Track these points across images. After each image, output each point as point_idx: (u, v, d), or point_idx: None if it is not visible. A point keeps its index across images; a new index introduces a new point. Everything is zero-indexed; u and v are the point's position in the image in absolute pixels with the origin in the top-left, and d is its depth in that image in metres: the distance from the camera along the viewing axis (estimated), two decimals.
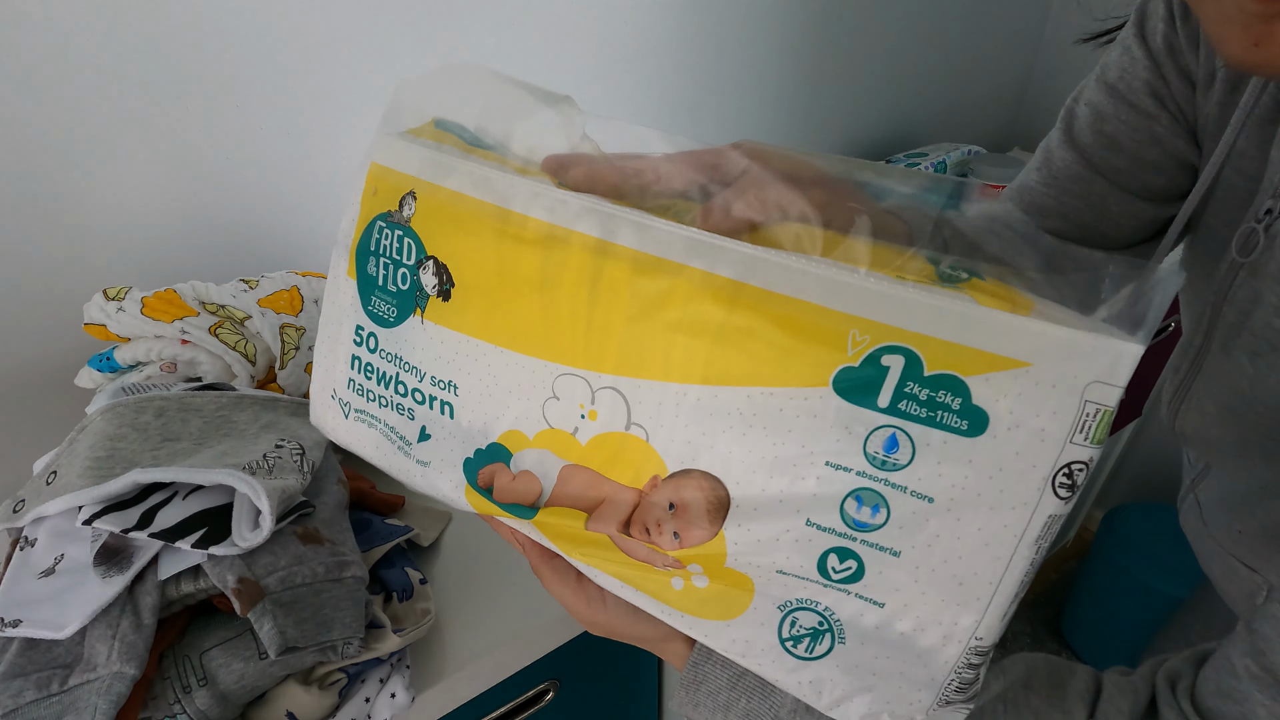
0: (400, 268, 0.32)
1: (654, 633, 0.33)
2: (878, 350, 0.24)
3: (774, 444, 0.26)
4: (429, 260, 0.31)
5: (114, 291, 0.57)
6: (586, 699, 0.69)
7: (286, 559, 0.43)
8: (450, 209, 0.30)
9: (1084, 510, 1.62)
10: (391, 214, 0.32)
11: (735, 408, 0.26)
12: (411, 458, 0.34)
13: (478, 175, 0.30)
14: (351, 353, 0.35)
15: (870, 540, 0.25)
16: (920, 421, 0.24)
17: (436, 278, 0.31)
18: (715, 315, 0.26)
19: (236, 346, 0.59)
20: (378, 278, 0.33)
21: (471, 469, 0.32)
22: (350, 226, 0.34)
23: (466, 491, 0.33)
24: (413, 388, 0.33)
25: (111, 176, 0.65)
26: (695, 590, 0.29)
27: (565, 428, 0.30)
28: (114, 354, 0.58)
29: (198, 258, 0.73)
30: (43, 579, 0.41)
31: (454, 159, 0.31)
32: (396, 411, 0.34)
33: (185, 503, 0.43)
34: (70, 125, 0.61)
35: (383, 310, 0.33)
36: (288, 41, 0.68)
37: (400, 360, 0.33)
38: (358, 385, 0.35)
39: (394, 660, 0.47)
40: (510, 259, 0.29)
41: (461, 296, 0.31)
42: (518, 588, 0.56)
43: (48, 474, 0.47)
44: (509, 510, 0.31)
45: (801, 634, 0.27)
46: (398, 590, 0.50)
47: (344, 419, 0.37)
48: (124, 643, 0.38)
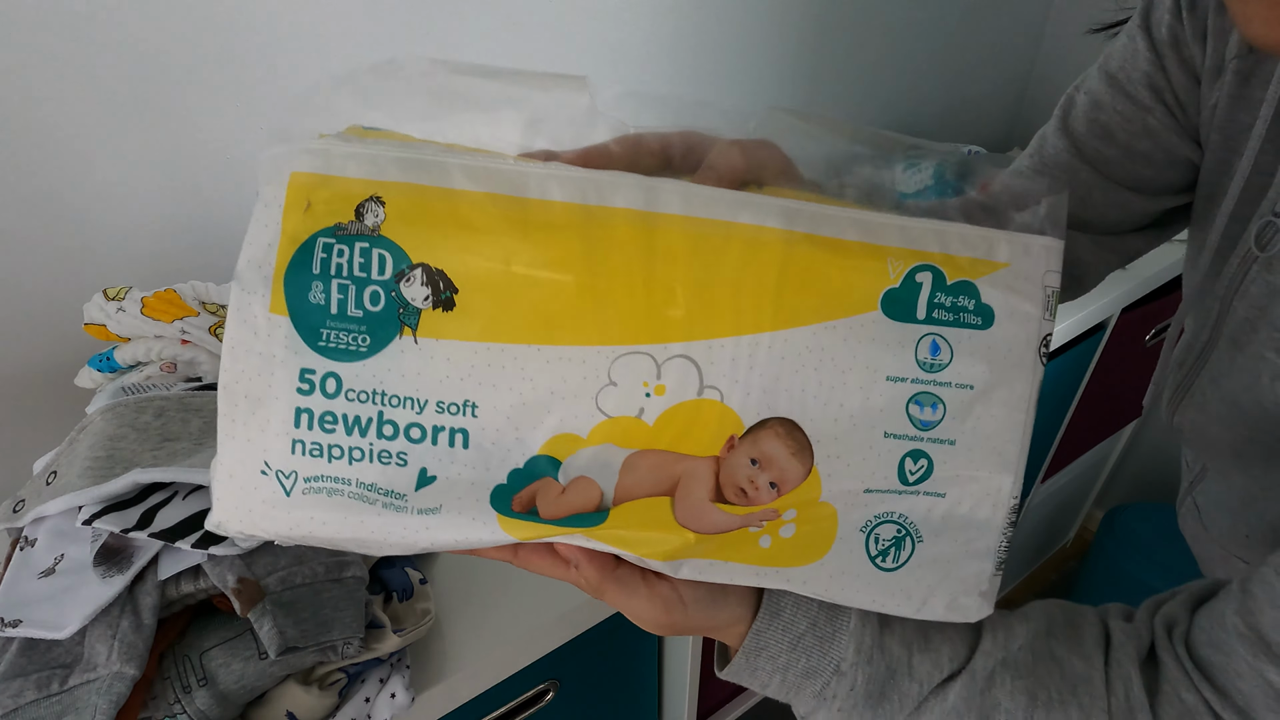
0: (369, 285, 0.27)
1: (727, 617, 0.33)
2: (912, 270, 0.28)
3: (842, 372, 0.28)
4: (414, 270, 0.27)
5: (114, 291, 0.57)
6: (586, 699, 0.69)
7: (286, 559, 0.43)
8: (440, 208, 0.27)
9: (1084, 510, 1.62)
10: (344, 225, 0.27)
11: (804, 346, 0.28)
12: (408, 510, 0.29)
13: (474, 166, 0.27)
14: (295, 405, 0.28)
15: (934, 436, 0.29)
16: (949, 324, 0.29)
17: (428, 287, 0.27)
18: (773, 263, 0.28)
19: None
20: (329, 305, 0.27)
21: (504, 496, 0.29)
22: (266, 254, 0.27)
23: (502, 523, 0.29)
24: (406, 425, 0.28)
25: (111, 176, 0.65)
26: (784, 542, 0.30)
27: (628, 413, 0.28)
28: (114, 354, 0.58)
29: (198, 258, 0.73)
30: (43, 579, 0.41)
31: (433, 154, 0.27)
32: (379, 462, 0.28)
33: (185, 503, 0.43)
34: (70, 125, 0.61)
35: (345, 342, 0.27)
36: (288, 42, 0.68)
37: (382, 396, 0.28)
38: (310, 445, 0.28)
39: (394, 660, 0.47)
40: (535, 248, 0.27)
41: (470, 301, 0.27)
42: (518, 588, 0.56)
43: (48, 474, 0.47)
44: (569, 524, 0.29)
45: (886, 546, 0.30)
46: (398, 590, 0.50)
47: (284, 498, 0.28)
48: (124, 643, 0.38)
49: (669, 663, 0.78)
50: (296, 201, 0.27)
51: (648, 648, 0.74)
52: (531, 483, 0.29)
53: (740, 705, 0.91)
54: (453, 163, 0.27)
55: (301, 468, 0.28)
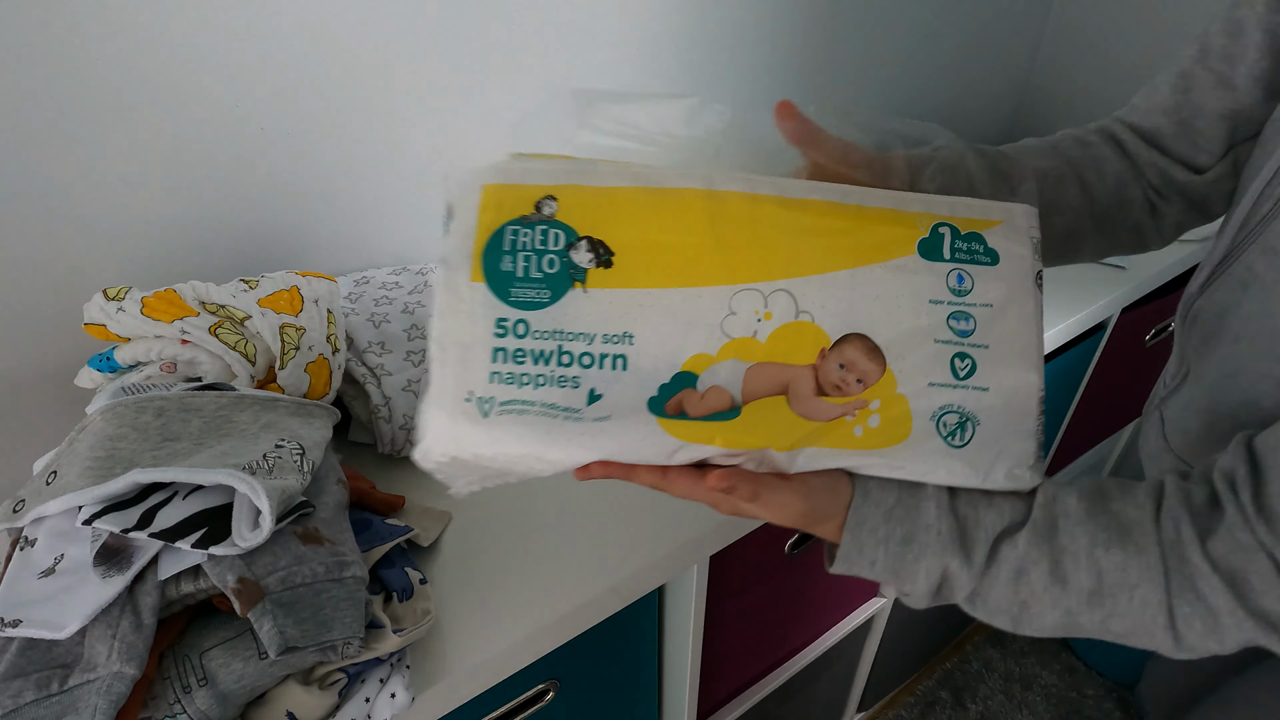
0: (546, 255, 0.38)
1: (836, 505, 0.40)
2: (935, 226, 0.41)
3: (896, 297, 0.40)
4: (580, 241, 0.39)
5: (114, 291, 0.57)
6: (586, 699, 0.69)
7: (286, 559, 0.43)
8: (598, 199, 0.39)
9: None
10: (527, 217, 0.39)
11: (868, 280, 0.40)
12: (584, 421, 0.38)
13: (627, 171, 0.40)
14: (493, 346, 0.38)
15: (972, 342, 0.40)
16: (968, 262, 0.41)
17: (592, 253, 0.39)
18: (844, 224, 0.40)
19: (236, 346, 0.59)
20: (516, 271, 0.38)
21: (657, 404, 0.38)
22: (465, 242, 0.38)
23: (661, 424, 0.38)
24: (580, 354, 0.38)
25: (112, 176, 0.65)
26: (873, 430, 0.40)
27: (746, 334, 0.39)
28: (114, 354, 0.58)
29: (198, 258, 0.73)
30: (43, 579, 0.41)
31: (594, 165, 0.40)
32: (558, 386, 0.38)
33: (185, 503, 0.43)
34: (70, 125, 0.61)
35: (529, 296, 0.38)
36: (287, 42, 0.68)
37: (561, 334, 0.38)
38: (505, 375, 0.38)
39: (394, 660, 0.47)
40: (674, 221, 0.39)
41: (624, 261, 0.39)
42: (518, 588, 0.56)
43: (48, 474, 0.47)
44: (712, 419, 0.39)
45: (953, 428, 0.40)
46: (398, 590, 0.50)
47: (482, 420, 0.38)
48: (124, 643, 0.38)
49: (669, 663, 0.78)
50: (489, 204, 0.39)
51: (648, 648, 0.74)
52: (677, 393, 0.38)
53: (740, 705, 0.91)
54: (604, 169, 0.40)
55: (498, 394, 0.38)
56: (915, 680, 1.43)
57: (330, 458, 0.55)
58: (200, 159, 0.69)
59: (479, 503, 0.64)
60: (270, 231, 0.76)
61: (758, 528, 0.67)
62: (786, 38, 1.07)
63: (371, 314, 0.73)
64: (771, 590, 0.82)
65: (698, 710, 0.84)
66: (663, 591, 0.71)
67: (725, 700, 0.90)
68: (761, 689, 0.92)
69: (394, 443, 0.67)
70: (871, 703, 1.31)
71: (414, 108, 0.79)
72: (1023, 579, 0.38)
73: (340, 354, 0.67)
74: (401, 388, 0.68)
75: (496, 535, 0.61)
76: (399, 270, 0.80)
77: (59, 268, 0.66)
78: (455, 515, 0.62)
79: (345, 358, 0.68)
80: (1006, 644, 1.48)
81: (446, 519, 0.62)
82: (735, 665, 0.87)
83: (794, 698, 1.02)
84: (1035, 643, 1.49)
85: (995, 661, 1.45)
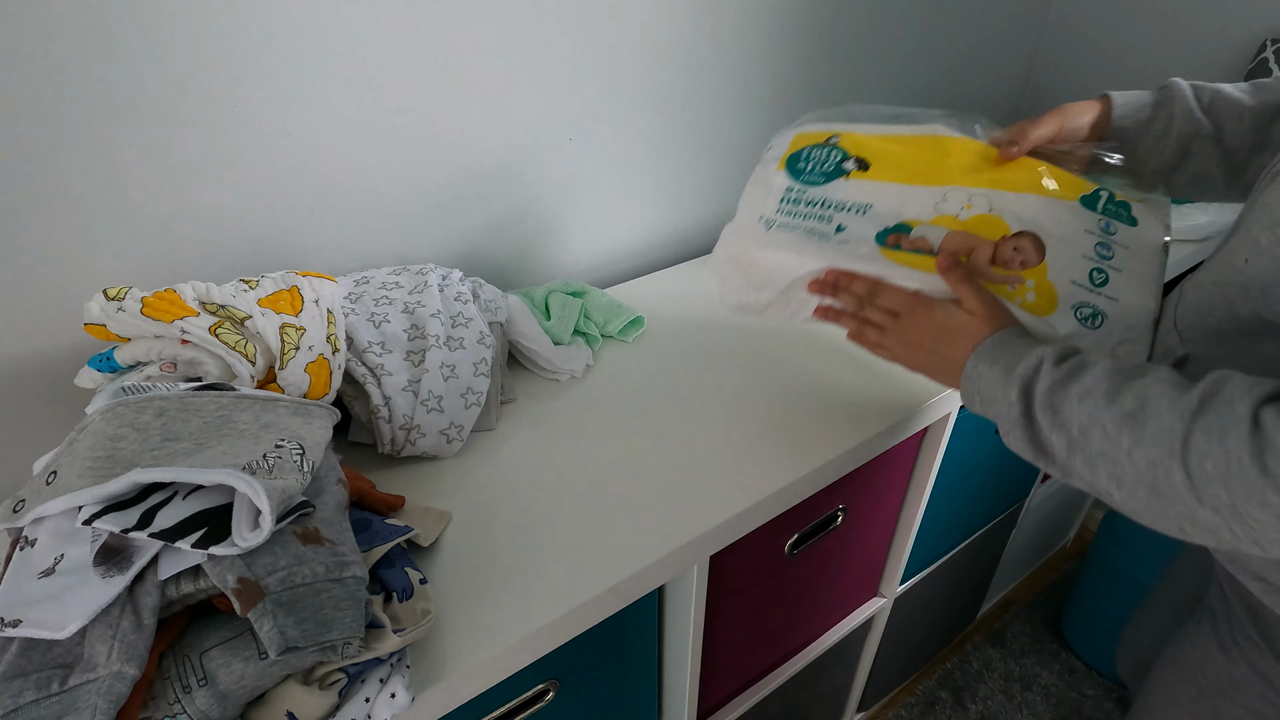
0: (826, 162, 0.68)
1: (1004, 318, 0.56)
2: (1096, 189, 0.62)
3: (1059, 221, 0.60)
4: (850, 159, 0.67)
5: (114, 291, 0.57)
6: (586, 699, 0.69)
7: (286, 559, 0.43)
8: (863, 139, 0.68)
9: (1084, 510, 1.62)
10: (818, 145, 0.69)
11: (1044, 204, 0.61)
12: (830, 241, 0.64)
13: (878, 128, 0.69)
14: (781, 196, 0.68)
15: (1109, 264, 0.59)
16: (1115, 218, 0.61)
17: (855, 161, 0.67)
18: (1034, 173, 0.62)
19: (236, 346, 0.59)
20: (806, 167, 0.69)
21: (881, 237, 0.62)
22: (776, 155, 0.72)
23: (881, 250, 0.62)
24: (835, 207, 0.65)
25: (111, 176, 0.65)
26: (1028, 302, 0.58)
27: (952, 213, 0.62)
28: (114, 354, 0.58)
29: (198, 258, 0.73)
30: (43, 579, 0.41)
31: (861, 124, 0.70)
32: (818, 220, 0.65)
33: (185, 503, 0.43)
34: (70, 124, 0.61)
35: (810, 179, 0.68)
36: (287, 42, 0.68)
37: (826, 201, 0.66)
38: (787, 210, 0.67)
39: (394, 660, 0.47)
40: (913, 151, 0.66)
41: (876, 168, 0.66)
42: (518, 588, 0.56)
43: (48, 474, 0.46)
44: (916, 253, 0.61)
45: (1086, 316, 0.58)
46: (398, 590, 0.50)
47: (765, 232, 0.67)
48: (124, 643, 0.38)
49: (669, 663, 0.78)
50: (796, 142, 0.71)
51: (648, 648, 0.74)
52: (896, 233, 0.62)
53: (740, 705, 0.91)
54: (868, 126, 0.70)
55: (779, 219, 0.67)
56: (915, 680, 1.43)
57: (330, 458, 0.55)
58: (200, 158, 0.69)
59: (479, 503, 0.64)
60: (270, 231, 0.76)
61: (758, 527, 0.68)
62: (788, 41, 1.07)
63: (371, 314, 0.73)
64: (771, 590, 0.82)
65: (698, 710, 0.84)
66: (663, 591, 0.71)
67: (725, 700, 0.90)
68: (761, 689, 0.92)
69: (394, 443, 0.67)
70: (871, 703, 1.31)
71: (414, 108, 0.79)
72: (1088, 397, 0.45)
73: (340, 354, 0.67)
74: (401, 388, 0.68)
75: (496, 535, 0.61)
76: (399, 270, 0.80)
77: (59, 268, 0.66)
78: (455, 515, 0.62)
79: (345, 358, 0.68)
80: (1006, 644, 1.48)
81: (446, 519, 0.62)
82: (735, 665, 0.87)
83: (794, 698, 1.02)
84: (1035, 642, 1.49)
85: (995, 661, 1.45)
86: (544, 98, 0.88)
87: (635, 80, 0.95)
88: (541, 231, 0.98)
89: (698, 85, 1.01)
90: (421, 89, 0.78)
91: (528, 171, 0.92)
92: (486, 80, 0.82)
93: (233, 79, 0.67)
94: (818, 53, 1.13)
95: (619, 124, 0.97)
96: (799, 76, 1.12)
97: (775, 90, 1.11)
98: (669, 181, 1.07)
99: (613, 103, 0.94)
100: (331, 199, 0.79)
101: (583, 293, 0.91)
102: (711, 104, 1.04)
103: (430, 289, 0.77)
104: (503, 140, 0.87)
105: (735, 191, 1.15)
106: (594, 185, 0.99)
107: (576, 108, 0.91)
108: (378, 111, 0.77)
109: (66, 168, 0.62)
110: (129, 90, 0.63)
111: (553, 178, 0.95)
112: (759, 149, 1.14)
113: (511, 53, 0.82)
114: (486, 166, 0.88)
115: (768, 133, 1.14)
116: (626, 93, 0.95)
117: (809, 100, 1.16)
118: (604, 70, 0.91)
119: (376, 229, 0.84)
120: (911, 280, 0.60)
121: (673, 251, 1.15)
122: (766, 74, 1.08)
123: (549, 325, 0.85)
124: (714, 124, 1.07)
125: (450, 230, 0.90)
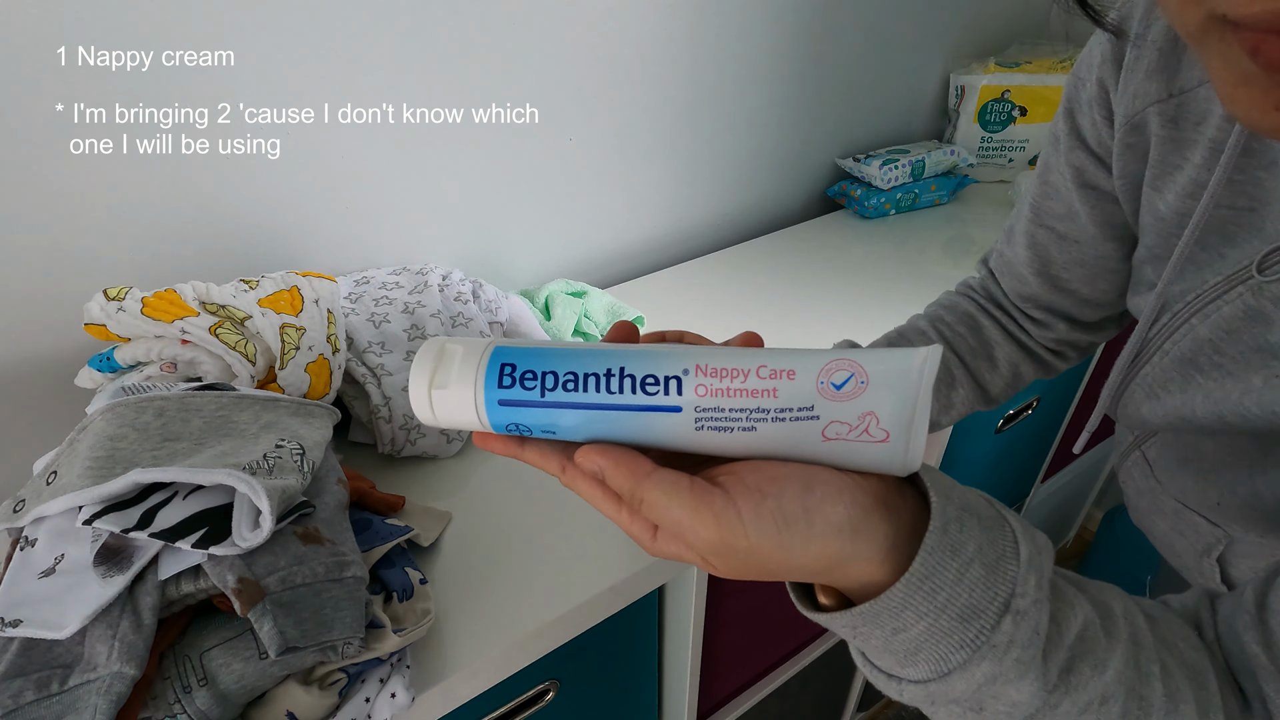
0: (1001, 113, 1.27)
1: (819, 550, 0.28)
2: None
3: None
4: (1017, 108, 1.25)
5: (114, 291, 0.57)
6: (586, 699, 0.69)
7: (286, 559, 0.43)
8: (1028, 90, 1.25)
9: (1084, 510, 1.62)
10: (999, 97, 1.25)
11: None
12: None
13: (1045, 79, 1.25)
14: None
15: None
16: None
17: (1020, 109, 1.25)
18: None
19: (236, 346, 0.59)
20: (989, 116, 1.26)
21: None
22: (969, 107, 1.27)
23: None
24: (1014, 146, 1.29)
25: (111, 176, 0.65)
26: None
27: None
28: (114, 354, 0.58)
29: (198, 258, 0.73)
30: (43, 579, 0.41)
31: (1026, 77, 1.27)
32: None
33: (185, 503, 0.43)
34: (69, 124, 0.61)
35: (993, 128, 1.27)
36: (287, 41, 0.68)
37: (1008, 141, 1.28)
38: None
39: (394, 660, 0.47)
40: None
41: (1031, 113, 1.26)
42: (518, 588, 0.56)
43: (48, 474, 0.47)
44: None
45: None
46: (398, 590, 0.50)
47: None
48: (124, 643, 0.38)
49: (669, 663, 0.78)
50: (983, 93, 1.28)
51: (648, 648, 0.74)
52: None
53: (740, 705, 0.91)
54: (1031, 79, 1.26)
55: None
56: None
57: (330, 458, 0.55)
58: (200, 158, 0.69)
59: (479, 503, 0.64)
60: (270, 231, 0.76)
61: None
62: (778, 39, 1.07)
63: (371, 314, 0.73)
64: (771, 590, 0.82)
65: (698, 710, 0.84)
66: (663, 591, 0.71)
67: (725, 700, 0.90)
68: (761, 689, 0.92)
69: (394, 443, 0.67)
70: (871, 703, 1.31)
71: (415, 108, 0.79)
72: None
73: (340, 354, 0.67)
74: (401, 387, 0.68)
75: (496, 535, 0.61)
76: (399, 270, 0.80)
77: (59, 268, 0.66)
78: (455, 515, 0.62)
79: (345, 358, 0.68)
80: None
81: (446, 519, 0.62)
82: (735, 665, 0.87)
83: (794, 698, 1.02)
84: None
85: None
86: (544, 98, 0.88)
87: (635, 80, 0.95)
88: (541, 231, 0.98)
89: (698, 85, 1.01)
90: (421, 88, 0.78)
91: (528, 171, 0.92)
92: (486, 80, 0.82)
93: (233, 78, 0.67)
94: (817, 53, 1.13)
95: (619, 124, 0.97)
96: (799, 76, 1.12)
97: (775, 90, 1.11)
98: (669, 181, 1.07)
99: (613, 103, 0.94)
100: (332, 199, 0.79)
101: (583, 293, 0.91)
102: (712, 104, 1.04)
103: (430, 289, 0.77)
104: (502, 140, 0.87)
105: (736, 191, 1.16)
106: (594, 185, 0.99)
107: (576, 108, 0.91)
108: (379, 110, 0.77)
109: (67, 166, 0.62)
110: (130, 89, 0.63)
111: (553, 177, 0.95)
112: (760, 149, 1.15)
113: (511, 53, 0.82)
114: (486, 166, 0.88)
115: (768, 132, 1.15)
116: (626, 93, 0.95)
117: (809, 100, 1.16)
118: (604, 70, 0.91)
119: (377, 229, 0.84)
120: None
121: (673, 251, 1.15)
122: (767, 74, 1.08)
123: (549, 325, 0.85)
124: (715, 124, 1.07)
125: (450, 230, 0.90)
